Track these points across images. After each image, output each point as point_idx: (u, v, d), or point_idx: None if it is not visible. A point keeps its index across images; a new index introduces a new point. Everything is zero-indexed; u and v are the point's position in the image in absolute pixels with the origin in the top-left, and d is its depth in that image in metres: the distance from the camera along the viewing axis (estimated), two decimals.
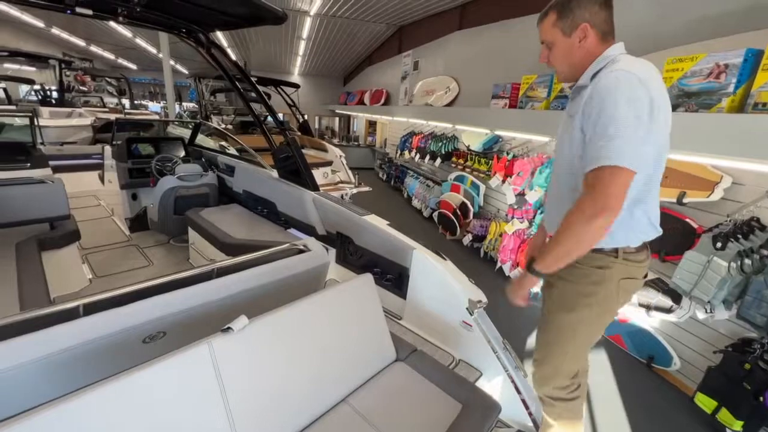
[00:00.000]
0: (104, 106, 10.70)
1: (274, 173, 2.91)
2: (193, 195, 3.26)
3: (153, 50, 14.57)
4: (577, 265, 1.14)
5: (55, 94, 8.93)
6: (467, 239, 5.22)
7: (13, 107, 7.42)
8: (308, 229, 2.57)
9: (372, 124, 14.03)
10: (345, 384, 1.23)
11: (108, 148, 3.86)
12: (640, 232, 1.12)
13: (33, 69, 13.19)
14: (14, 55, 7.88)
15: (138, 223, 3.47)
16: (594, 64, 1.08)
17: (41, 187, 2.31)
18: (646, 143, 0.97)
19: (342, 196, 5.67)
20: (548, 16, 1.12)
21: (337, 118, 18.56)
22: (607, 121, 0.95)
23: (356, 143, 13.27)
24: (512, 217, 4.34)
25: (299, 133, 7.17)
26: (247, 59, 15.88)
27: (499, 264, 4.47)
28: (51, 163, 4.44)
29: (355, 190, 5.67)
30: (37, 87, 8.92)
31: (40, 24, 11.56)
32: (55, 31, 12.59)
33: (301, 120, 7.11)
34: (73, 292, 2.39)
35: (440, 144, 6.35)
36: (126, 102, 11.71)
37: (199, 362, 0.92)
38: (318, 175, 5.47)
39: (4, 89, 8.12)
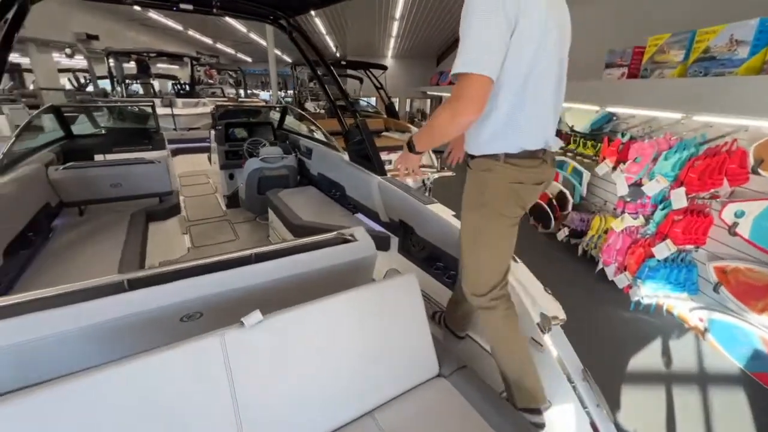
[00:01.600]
0: (224, 96, 12.21)
1: (346, 156, 2.87)
2: (275, 176, 3.45)
3: (264, 43, 16.04)
4: (468, 169, 1.29)
5: (187, 88, 10.51)
6: (563, 234, 4.57)
7: (154, 99, 8.96)
8: (373, 215, 2.48)
9: None
10: (372, 396, 1.09)
11: (213, 132, 4.35)
12: (520, 139, 1.17)
13: (176, 67, 15.77)
14: (159, 55, 9.46)
15: (233, 200, 3.84)
16: None
17: (152, 167, 2.67)
18: (500, 52, 1.02)
19: (423, 182, 5.49)
20: None
21: (428, 100, 18.14)
22: (463, 32, 1.03)
23: None
24: (623, 212, 3.61)
25: (384, 116, 7.12)
26: (343, 45, 16.43)
27: (600, 265, 3.80)
28: (174, 146, 5.22)
29: (436, 175, 5.40)
30: (172, 81, 10.59)
31: (180, 27, 13.67)
32: (190, 32, 14.76)
33: (387, 102, 7.04)
34: (173, 258, 2.75)
35: None
36: (241, 92, 13.20)
37: (210, 355, 0.88)
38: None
39: (152, 85, 9.85)
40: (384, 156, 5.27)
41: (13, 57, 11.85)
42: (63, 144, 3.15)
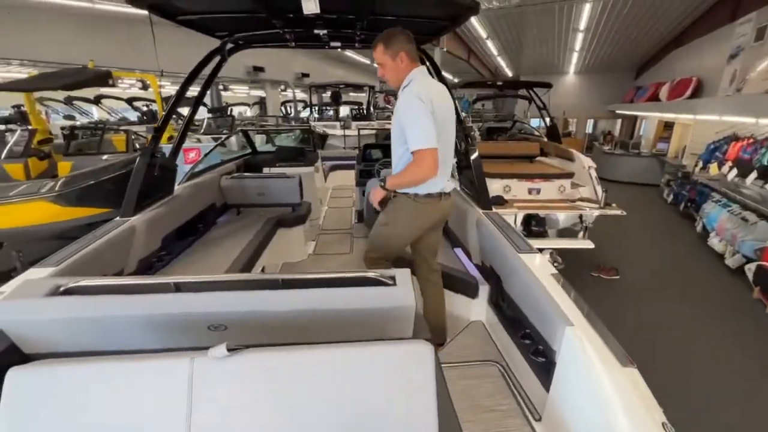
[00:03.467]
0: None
1: (456, 183, 2.60)
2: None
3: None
4: (395, 197, 1.80)
5: (364, 112, 12.08)
6: None
7: (317, 123, 10.62)
8: (467, 253, 2.12)
9: (668, 127, 10.49)
10: None
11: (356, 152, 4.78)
12: (427, 186, 1.70)
13: (363, 95, 18.47)
14: (347, 86, 11.24)
15: (362, 215, 4.08)
16: (405, 79, 1.69)
17: (286, 181, 3.09)
18: (432, 129, 1.56)
19: (580, 218, 4.51)
20: (378, 46, 1.67)
21: (618, 120, 15.18)
22: (409, 125, 1.57)
23: (636, 151, 10.30)
24: None
25: (544, 139, 6.31)
26: (516, 64, 15.64)
27: None
28: (333, 162, 5.99)
29: (596, 212, 4.39)
30: (353, 107, 12.30)
31: (367, 61, 15.98)
32: (375, 64, 17.04)
33: (548, 124, 6.21)
34: (294, 261, 3.08)
35: None
36: None
37: (176, 374, 0.85)
38: (551, 188, 4.59)
39: (337, 110, 11.78)
40: (530, 184, 4.63)
41: (256, 92, 16.25)
42: (247, 158, 4.06)
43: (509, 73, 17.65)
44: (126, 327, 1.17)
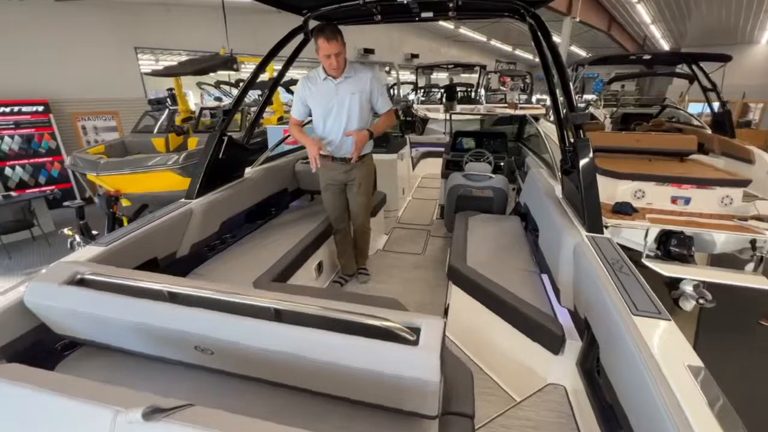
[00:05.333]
0: (504, 102, 12.17)
1: (558, 189, 1.98)
2: (475, 197, 2.92)
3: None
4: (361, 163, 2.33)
5: (472, 94, 11.19)
6: None
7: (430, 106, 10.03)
8: (555, 289, 1.56)
9: None
10: None
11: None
12: None
13: (475, 75, 17.28)
14: (456, 66, 10.53)
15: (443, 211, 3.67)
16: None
17: None
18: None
19: (752, 244, 3.23)
20: (338, 38, 2.00)
21: None
22: (383, 91, 2.27)
23: None
24: None
25: (707, 130, 4.80)
26: (676, 32, 12.40)
27: None
28: (427, 148, 5.60)
29: None
30: (461, 89, 11.47)
31: (483, 39, 14.71)
32: (492, 42, 15.62)
33: (716, 110, 4.65)
34: (371, 254, 2.89)
35: None
36: (524, 97, 12.76)
37: (96, 425, 0.68)
38: (708, 198, 3.40)
39: (440, 92, 11.14)
40: (675, 191, 3.49)
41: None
42: None
43: (664, 45, 14.23)
44: (119, 328, 1.09)
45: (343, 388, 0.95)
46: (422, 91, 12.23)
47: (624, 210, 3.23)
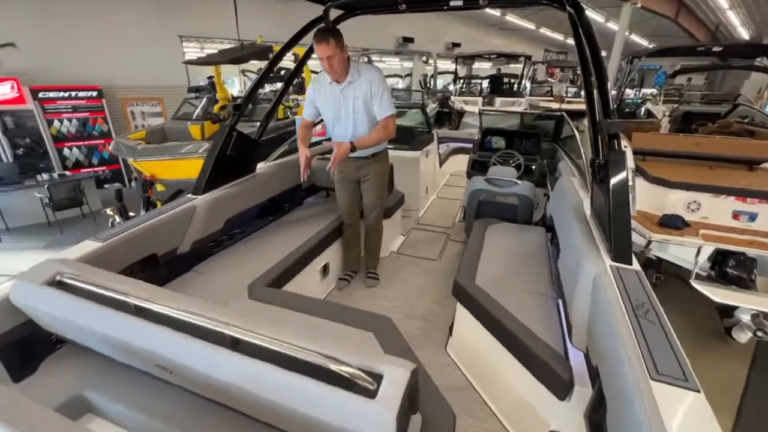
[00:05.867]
0: (549, 96, 11.40)
1: (588, 203, 1.74)
2: (498, 203, 2.68)
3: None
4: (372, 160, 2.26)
5: (515, 86, 10.57)
6: None
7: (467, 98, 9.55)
8: (568, 324, 1.35)
9: None
10: None
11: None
12: None
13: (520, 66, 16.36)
14: (499, 56, 9.98)
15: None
16: (351, 68, 2.02)
17: None
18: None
19: None
20: (330, 41, 1.84)
21: None
22: (381, 94, 2.04)
23: None
24: None
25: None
26: (764, 19, 10.87)
27: None
28: (459, 144, 5.34)
29: None
30: (507, 79, 10.85)
31: (532, 26, 13.81)
32: (542, 30, 14.63)
33: None
34: (384, 256, 2.79)
35: None
36: (573, 90, 11.88)
37: None
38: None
39: (480, 83, 10.59)
40: (738, 205, 3.04)
41: (408, 65, 16.20)
42: None
43: (742, 34, 12.61)
44: (90, 334, 1.07)
45: (293, 428, 0.87)
46: (462, 82, 11.75)
47: (673, 224, 2.87)
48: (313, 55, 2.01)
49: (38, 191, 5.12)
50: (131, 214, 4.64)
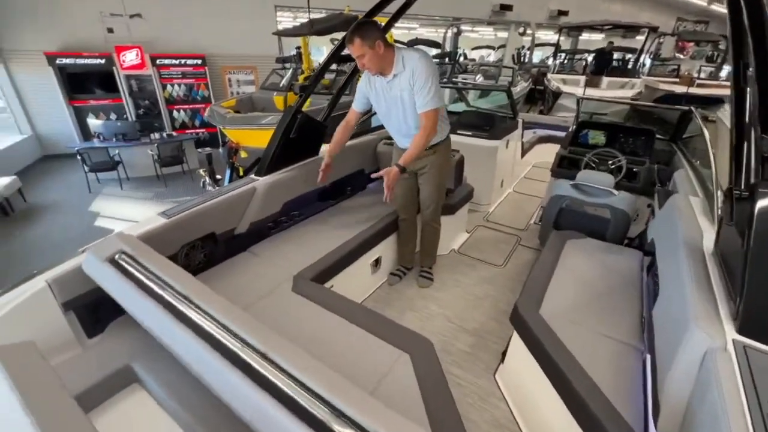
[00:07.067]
0: (676, 76, 9.44)
1: (712, 239, 1.31)
2: (584, 214, 2.24)
3: None
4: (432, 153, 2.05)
5: (630, 63, 8.97)
6: None
7: (569, 77, 8.32)
8: (655, 403, 1.02)
9: None
10: None
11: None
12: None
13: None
14: (614, 27, 8.51)
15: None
16: (395, 62, 1.79)
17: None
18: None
19: None
20: (354, 40, 1.69)
21: None
22: (425, 85, 1.77)
23: None
24: None
25: None
26: None
27: None
28: (545, 132, 4.72)
29: None
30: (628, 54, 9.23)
31: None
32: None
33: None
34: (442, 254, 2.62)
35: None
36: (709, 69, 9.70)
37: None
38: None
39: (585, 59, 9.16)
40: None
41: (503, 35, 14.69)
42: None
43: None
44: (135, 315, 1.12)
45: None
46: (564, 56, 10.34)
47: None
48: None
49: (150, 148, 5.88)
50: (218, 176, 5.09)
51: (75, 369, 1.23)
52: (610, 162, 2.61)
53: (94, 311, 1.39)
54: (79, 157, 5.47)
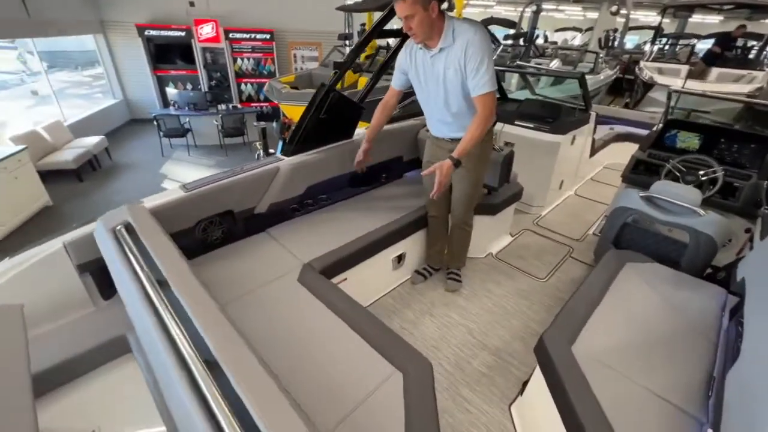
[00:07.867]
0: None
1: None
2: (655, 235, 1.80)
3: None
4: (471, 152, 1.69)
5: (748, 52, 7.44)
6: None
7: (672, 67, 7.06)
8: None
9: None
10: None
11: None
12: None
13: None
14: (738, 6, 7.06)
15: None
16: (445, 32, 1.55)
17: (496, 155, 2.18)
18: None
19: None
20: None
21: None
22: (480, 62, 1.54)
23: None
24: None
25: None
26: None
27: None
28: (624, 129, 4.07)
29: None
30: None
31: None
32: None
33: None
34: (477, 257, 2.42)
35: None
36: None
37: None
38: None
39: (693, 45, 7.73)
40: None
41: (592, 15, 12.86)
42: None
43: None
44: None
45: None
46: (665, 41, 8.87)
47: None
48: None
49: (216, 119, 6.22)
50: (271, 150, 5.23)
51: (78, 330, 1.28)
52: (701, 172, 2.12)
53: (105, 276, 1.44)
54: (155, 123, 5.98)
